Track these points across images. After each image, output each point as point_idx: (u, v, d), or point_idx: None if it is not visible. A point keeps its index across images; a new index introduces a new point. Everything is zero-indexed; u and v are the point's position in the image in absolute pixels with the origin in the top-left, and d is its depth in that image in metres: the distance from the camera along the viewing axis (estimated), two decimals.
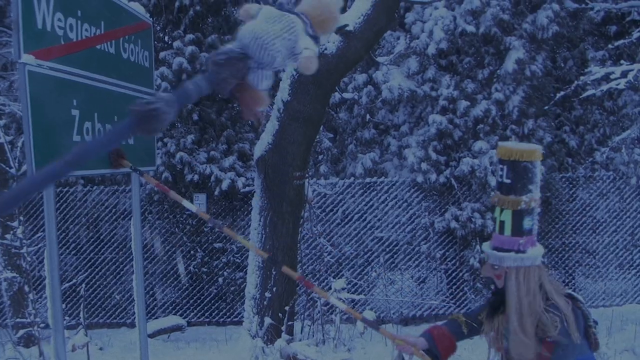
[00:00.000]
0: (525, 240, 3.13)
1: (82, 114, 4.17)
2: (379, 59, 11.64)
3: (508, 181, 3.14)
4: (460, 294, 11.12)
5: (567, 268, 11.68)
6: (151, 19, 5.77)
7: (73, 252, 11.42)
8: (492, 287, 3.33)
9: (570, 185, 11.65)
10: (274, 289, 7.87)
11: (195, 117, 11.56)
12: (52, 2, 3.82)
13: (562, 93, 10.22)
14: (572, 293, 3.19)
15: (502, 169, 3.16)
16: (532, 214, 3.16)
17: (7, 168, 9.34)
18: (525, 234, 3.14)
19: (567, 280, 11.60)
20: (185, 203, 4.23)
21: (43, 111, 3.65)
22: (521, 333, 3.06)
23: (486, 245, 3.28)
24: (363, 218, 11.36)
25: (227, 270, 11.57)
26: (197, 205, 11.16)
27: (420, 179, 10.91)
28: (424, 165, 10.81)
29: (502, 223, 3.18)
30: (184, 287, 11.61)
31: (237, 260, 11.55)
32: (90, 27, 4.37)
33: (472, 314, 3.59)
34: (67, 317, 9.35)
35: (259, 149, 7.87)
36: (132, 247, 5.53)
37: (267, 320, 7.82)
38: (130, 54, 5.23)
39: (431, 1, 10.43)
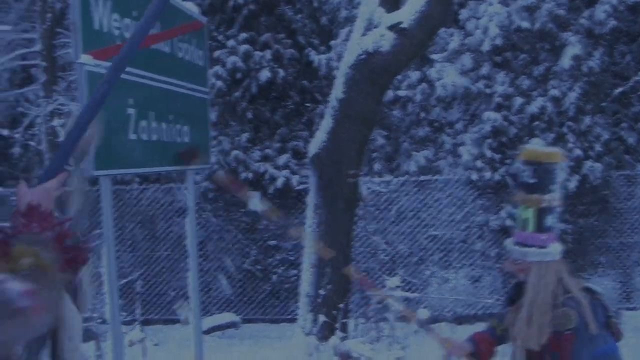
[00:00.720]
0: (547, 237, 3.37)
1: (138, 112, 4.22)
2: (433, 56, 11.57)
3: (533, 181, 3.38)
4: None
5: (625, 268, 11.43)
6: (205, 18, 5.81)
7: (129, 249, 11.58)
8: (513, 281, 3.66)
9: (629, 183, 11.39)
10: (328, 286, 7.87)
11: (249, 115, 11.64)
12: (109, 3, 3.87)
13: (620, 89, 10.02)
14: (591, 286, 3.39)
15: (527, 170, 3.40)
16: (553, 212, 3.41)
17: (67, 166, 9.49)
18: (547, 231, 3.38)
19: (625, 280, 11.36)
20: (252, 203, 4.25)
21: (100, 110, 3.70)
22: (526, 323, 3.30)
23: (509, 242, 3.50)
24: (417, 216, 11.30)
25: (281, 267, 11.62)
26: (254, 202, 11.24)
27: (475, 176, 10.82)
28: (478, 163, 10.71)
29: (525, 220, 3.41)
30: (239, 284, 11.68)
31: (291, 258, 11.58)
32: None
33: (500, 317, 3.76)
34: (123, 313, 9.48)
35: (314, 146, 7.87)
36: (188, 244, 5.58)
37: (321, 318, 7.82)
38: (185, 53, 5.27)
39: None
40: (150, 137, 4.46)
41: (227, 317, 11.02)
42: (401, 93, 12.75)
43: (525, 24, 10.69)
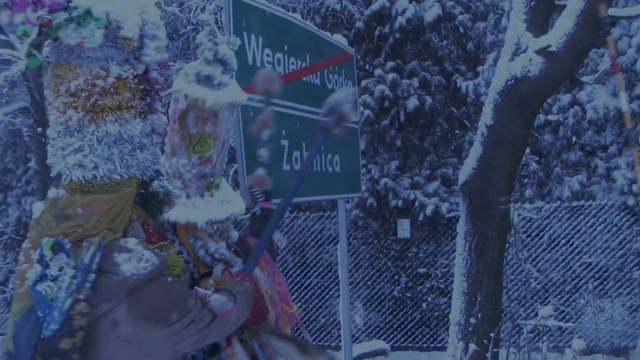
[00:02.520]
0: None
1: (291, 143, 4.35)
2: (583, 79, 11.21)
3: None
4: None
5: None
6: (353, 49, 5.91)
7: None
8: None
9: None
10: (479, 314, 7.73)
11: (398, 143, 11.68)
12: (261, 39, 4.03)
13: None
14: None
15: None
16: None
17: None
18: None
19: None
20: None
21: (255, 142, 3.84)
22: None
23: None
24: (570, 243, 10.94)
25: (431, 295, 11.53)
26: (401, 230, 11.28)
27: (631, 201, 10.36)
28: (634, 188, 10.25)
29: None
30: (388, 312, 11.68)
31: (441, 285, 11.48)
32: (296, 60, 4.56)
33: None
34: None
35: (463, 174, 7.79)
36: (339, 272, 5.65)
37: (472, 347, 7.69)
38: (335, 83, 5.39)
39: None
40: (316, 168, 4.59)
41: (377, 344, 11.02)
42: (552, 117, 12.42)
43: None
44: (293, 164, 4.36)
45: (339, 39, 5.57)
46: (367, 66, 12.06)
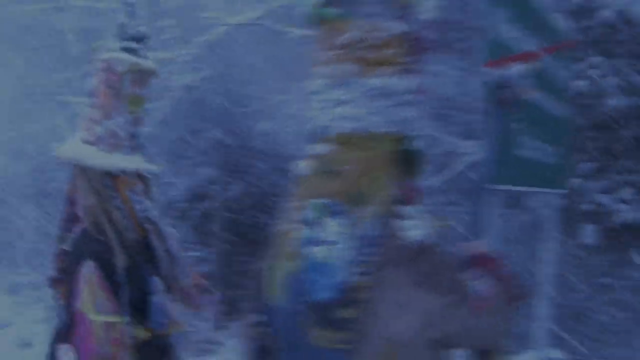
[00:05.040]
0: None
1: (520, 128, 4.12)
2: None
3: None
4: None
5: None
6: (576, 37, 5.60)
7: None
8: None
9: None
10: None
11: (593, 143, 11.13)
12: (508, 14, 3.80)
13: None
14: None
15: None
16: None
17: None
18: None
19: None
20: None
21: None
22: None
23: None
24: None
25: (611, 308, 10.94)
26: (586, 235, 10.77)
27: None
28: None
29: None
30: (563, 320, 11.17)
31: (624, 298, 10.84)
32: (533, 40, 4.30)
33: None
34: None
35: None
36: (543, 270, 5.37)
37: None
38: (556, 70, 5.13)
39: None
40: (524, 155, 4.30)
41: (552, 353, 10.57)
42: None
43: None
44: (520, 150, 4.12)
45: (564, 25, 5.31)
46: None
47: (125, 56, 3.02)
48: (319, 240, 1.97)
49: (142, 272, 3.03)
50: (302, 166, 2.27)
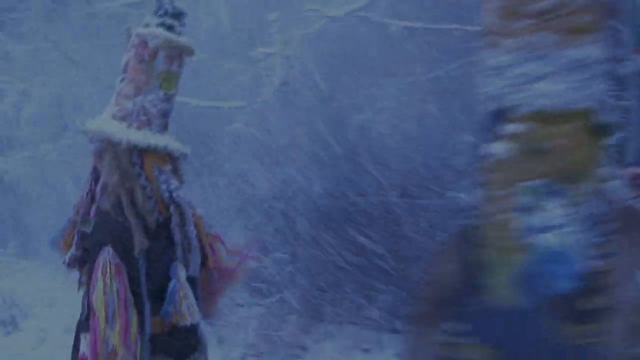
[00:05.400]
0: None
1: None
2: None
3: None
4: None
5: None
6: None
7: None
8: None
9: None
10: None
11: None
12: None
13: None
14: None
15: None
16: None
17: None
18: None
19: None
20: None
21: None
22: None
23: None
24: None
25: None
26: None
27: None
28: None
29: None
30: None
31: None
32: None
33: None
34: None
35: None
36: None
37: None
38: None
39: None
40: None
41: None
42: None
43: None
44: None
45: None
46: None
47: (159, 31, 2.90)
48: (544, 227, 1.72)
49: (163, 257, 2.91)
50: (496, 149, 2.00)
